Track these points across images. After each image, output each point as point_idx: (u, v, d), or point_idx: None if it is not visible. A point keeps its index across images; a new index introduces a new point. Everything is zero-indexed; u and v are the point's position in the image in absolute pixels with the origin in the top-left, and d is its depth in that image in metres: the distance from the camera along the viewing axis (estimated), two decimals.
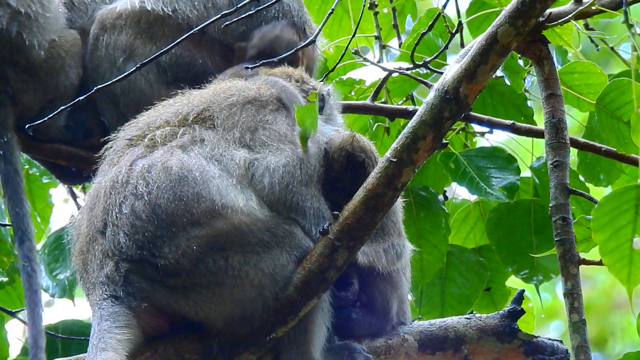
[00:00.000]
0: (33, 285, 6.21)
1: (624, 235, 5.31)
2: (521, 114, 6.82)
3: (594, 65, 6.31)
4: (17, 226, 6.35)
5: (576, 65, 6.31)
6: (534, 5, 5.07)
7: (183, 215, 5.01)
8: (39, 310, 6.16)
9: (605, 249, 5.33)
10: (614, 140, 6.01)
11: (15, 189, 6.39)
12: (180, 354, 5.11)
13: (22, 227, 6.33)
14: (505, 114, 6.82)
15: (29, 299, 6.18)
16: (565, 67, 6.33)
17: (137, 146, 5.26)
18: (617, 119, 5.95)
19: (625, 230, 5.32)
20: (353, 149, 5.35)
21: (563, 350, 5.46)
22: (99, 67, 6.65)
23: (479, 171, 6.63)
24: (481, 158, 6.70)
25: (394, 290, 5.45)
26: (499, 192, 6.54)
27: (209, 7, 6.69)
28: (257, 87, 5.55)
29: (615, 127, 5.97)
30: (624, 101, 5.93)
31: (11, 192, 6.39)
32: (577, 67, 6.30)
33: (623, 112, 5.94)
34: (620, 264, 5.34)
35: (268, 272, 5.05)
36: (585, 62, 6.31)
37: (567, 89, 6.22)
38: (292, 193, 5.17)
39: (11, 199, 6.37)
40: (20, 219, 6.35)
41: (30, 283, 6.21)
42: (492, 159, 6.68)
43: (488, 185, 6.59)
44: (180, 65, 6.61)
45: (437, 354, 5.44)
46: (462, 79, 5.11)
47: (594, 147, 6.55)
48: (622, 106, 5.94)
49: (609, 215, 5.33)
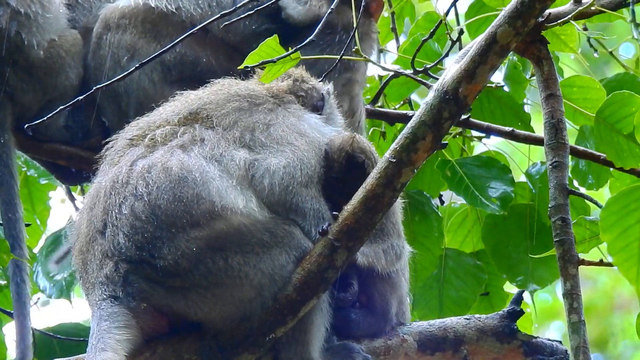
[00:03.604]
0: (22, 296, 6.15)
1: (632, 234, 5.31)
2: (519, 119, 6.83)
3: (593, 80, 6.30)
4: (8, 232, 6.29)
5: (576, 79, 6.30)
6: (533, 5, 5.07)
7: (183, 216, 5.01)
8: (27, 322, 6.11)
9: (614, 248, 5.34)
10: (613, 154, 6.00)
11: (9, 193, 6.36)
12: (179, 354, 5.11)
13: (14, 233, 6.28)
14: (503, 119, 6.83)
15: (18, 310, 6.13)
16: (565, 80, 6.32)
17: (137, 146, 5.26)
18: (616, 131, 5.94)
19: (634, 229, 5.32)
20: (353, 150, 5.34)
21: (562, 351, 5.45)
22: (102, 66, 6.66)
23: (475, 180, 6.64)
24: (477, 167, 6.71)
25: (393, 291, 5.45)
26: (494, 203, 6.55)
27: (212, 6, 6.70)
28: (255, 86, 5.55)
29: (615, 141, 5.95)
30: (624, 114, 5.91)
31: (5, 196, 6.35)
32: (577, 81, 6.29)
33: (622, 126, 5.92)
34: (628, 263, 5.34)
35: (267, 273, 5.05)
36: (584, 76, 6.31)
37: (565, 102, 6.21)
38: (292, 194, 5.17)
39: (5, 203, 6.33)
40: (13, 225, 6.30)
41: (19, 294, 6.16)
42: (488, 168, 6.69)
43: (484, 196, 6.60)
44: (185, 64, 6.62)
45: (437, 355, 5.44)
46: (462, 79, 5.11)
47: (593, 156, 6.56)
48: (621, 119, 5.93)
49: (617, 215, 5.33)
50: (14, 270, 6.20)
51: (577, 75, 6.33)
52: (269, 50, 5.55)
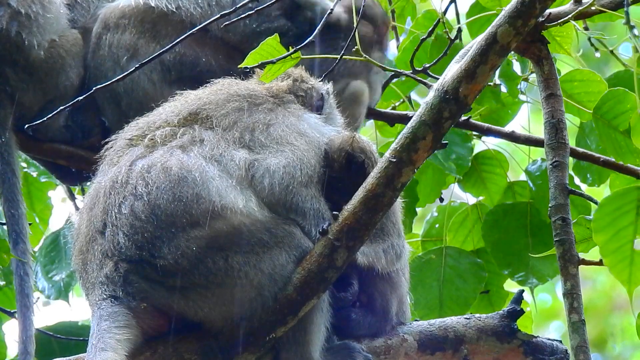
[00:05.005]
0: (25, 288, 6.19)
1: (625, 236, 5.30)
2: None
3: (593, 73, 6.29)
4: (12, 228, 6.33)
5: (576, 73, 6.30)
6: (533, 5, 5.07)
7: (182, 215, 5.01)
8: (30, 314, 6.14)
9: (607, 249, 5.33)
10: (611, 150, 6.00)
11: (11, 190, 6.39)
12: (179, 354, 5.11)
13: (17, 229, 6.32)
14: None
15: (21, 302, 6.16)
16: (565, 75, 6.31)
17: (137, 146, 5.26)
18: (613, 128, 5.94)
19: (627, 231, 5.32)
20: (353, 149, 5.34)
21: (562, 350, 5.45)
22: (101, 66, 6.66)
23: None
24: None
25: (393, 291, 5.45)
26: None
27: (212, 5, 6.70)
28: (255, 86, 5.55)
29: (612, 137, 5.96)
30: (621, 110, 5.91)
31: (7, 193, 6.39)
32: (577, 75, 6.29)
33: (620, 122, 5.93)
34: (621, 265, 5.33)
35: (267, 273, 5.05)
36: (584, 70, 6.30)
37: (567, 98, 6.22)
38: (292, 194, 5.17)
39: (7, 200, 6.37)
40: (16, 221, 6.34)
41: (22, 286, 6.19)
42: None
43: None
44: (184, 64, 6.62)
45: (437, 354, 5.44)
46: (462, 79, 5.11)
47: (592, 157, 6.57)
48: (618, 115, 5.93)
49: (611, 216, 5.33)
50: (17, 264, 6.23)
51: (577, 69, 6.33)
52: (269, 50, 5.55)
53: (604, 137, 5.97)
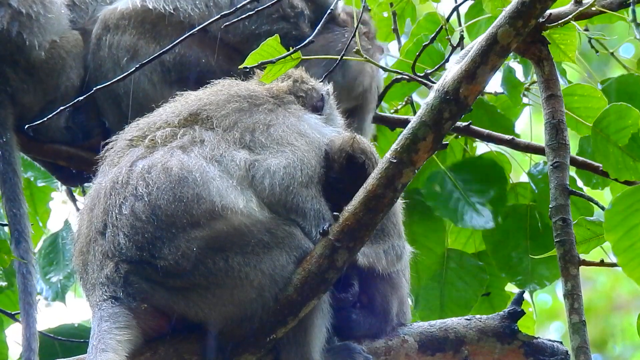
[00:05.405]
0: (28, 287, 6.20)
1: (636, 234, 5.28)
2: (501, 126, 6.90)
3: (594, 89, 6.29)
4: (14, 227, 6.34)
5: (577, 87, 6.29)
6: (533, 5, 5.07)
7: (183, 216, 5.01)
8: (33, 312, 6.16)
9: (618, 248, 5.31)
10: (608, 165, 5.99)
11: (13, 190, 6.39)
12: (180, 355, 5.11)
13: (19, 228, 6.33)
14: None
15: (24, 300, 6.17)
16: (566, 88, 6.30)
17: (137, 147, 5.26)
18: (612, 143, 5.93)
19: (638, 229, 5.31)
20: (353, 150, 5.34)
21: (563, 352, 5.45)
22: (101, 67, 6.66)
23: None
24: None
25: (393, 292, 5.45)
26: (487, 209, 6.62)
27: (210, 6, 6.70)
28: (255, 87, 5.55)
29: (610, 152, 5.95)
30: (622, 126, 5.89)
31: (9, 192, 6.39)
32: (578, 89, 6.28)
33: (619, 137, 5.91)
34: (633, 263, 5.32)
35: (268, 273, 5.05)
36: (585, 85, 6.29)
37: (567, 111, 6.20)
38: (293, 194, 5.17)
39: (9, 200, 6.38)
40: (18, 220, 6.35)
41: (25, 285, 6.20)
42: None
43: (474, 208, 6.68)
44: (184, 64, 6.62)
45: (437, 355, 5.44)
46: (462, 79, 5.11)
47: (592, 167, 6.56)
48: (618, 131, 5.91)
49: (622, 215, 5.31)
50: (20, 263, 6.24)
51: (578, 84, 6.32)
52: (270, 50, 5.55)
53: (602, 152, 5.95)
